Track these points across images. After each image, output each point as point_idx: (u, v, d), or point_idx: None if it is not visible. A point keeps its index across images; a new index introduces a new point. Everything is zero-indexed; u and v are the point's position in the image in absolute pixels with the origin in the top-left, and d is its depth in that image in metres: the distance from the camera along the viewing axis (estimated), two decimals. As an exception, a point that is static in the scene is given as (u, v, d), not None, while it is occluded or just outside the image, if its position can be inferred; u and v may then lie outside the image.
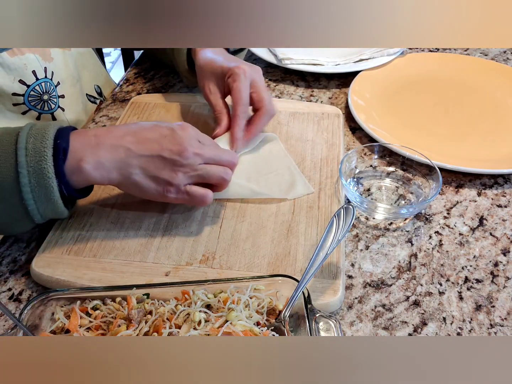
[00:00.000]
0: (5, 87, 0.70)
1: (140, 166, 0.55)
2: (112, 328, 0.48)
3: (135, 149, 0.55)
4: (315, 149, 0.74)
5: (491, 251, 0.61)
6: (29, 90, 0.73)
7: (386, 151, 0.71)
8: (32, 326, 0.49)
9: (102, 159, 0.54)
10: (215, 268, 0.57)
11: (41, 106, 0.76)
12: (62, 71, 0.80)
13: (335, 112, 0.81)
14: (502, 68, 0.93)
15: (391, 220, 0.64)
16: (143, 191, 0.57)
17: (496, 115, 0.83)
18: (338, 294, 0.54)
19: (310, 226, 0.62)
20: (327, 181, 0.68)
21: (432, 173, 0.66)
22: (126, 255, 0.59)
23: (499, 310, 0.55)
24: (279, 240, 0.60)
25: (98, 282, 0.56)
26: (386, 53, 0.94)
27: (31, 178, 0.51)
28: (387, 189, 0.69)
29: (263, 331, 0.47)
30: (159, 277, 0.56)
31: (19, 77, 0.71)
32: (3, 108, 0.72)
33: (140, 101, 0.85)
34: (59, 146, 0.52)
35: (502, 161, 0.72)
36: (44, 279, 0.57)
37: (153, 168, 0.55)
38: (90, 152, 0.54)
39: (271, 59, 0.95)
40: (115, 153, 0.54)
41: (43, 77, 0.75)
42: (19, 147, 0.51)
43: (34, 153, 0.51)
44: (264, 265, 0.57)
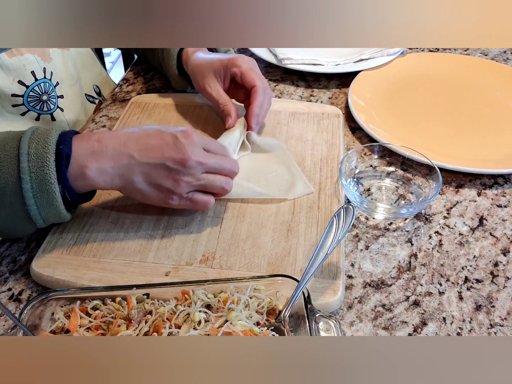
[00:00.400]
0: (4, 88, 0.70)
1: (142, 174, 0.55)
2: (112, 328, 0.48)
3: (138, 157, 0.55)
4: (315, 149, 0.74)
5: (491, 251, 0.61)
6: (28, 91, 0.73)
7: (386, 151, 0.71)
8: (32, 326, 0.49)
9: (105, 166, 0.54)
10: (215, 268, 0.57)
11: (40, 107, 0.76)
12: (61, 71, 0.80)
13: (335, 112, 0.81)
14: (502, 68, 0.93)
15: (391, 220, 0.64)
16: (145, 197, 0.58)
17: (496, 115, 0.83)
18: (338, 294, 0.54)
19: (310, 226, 0.62)
20: (327, 181, 0.68)
21: (432, 173, 0.66)
22: (126, 255, 0.59)
23: (499, 310, 0.55)
24: (279, 240, 0.60)
25: (98, 282, 0.56)
26: (386, 53, 0.94)
27: (33, 183, 0.51)
28: (387, 189, 0.69)
29: (263, 331, 0.47)
30: (159, 277, 0.56)
31: (18, 77, 0.71)
32: (2, 110, 0.72)
33: (140, 101, 0.85)
34: (61, 152, 0.52)
35: (502, 161, 0.72)
36: (44, 279, 0.57)
37: (156, 177, 0.56)
38: (93, 159, 0.53)
39: (271, 59, 0.95)
40: (118, 160, 0.54)
41: (42, 78, 0.75)
42: (21, 152, 0.51)
43: (36, 158, 0.51)
44: (264, 265, 0.57)
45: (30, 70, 0.72)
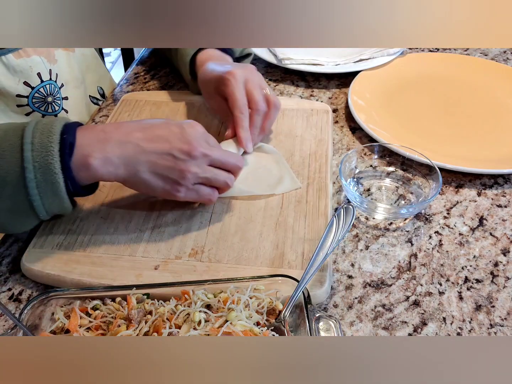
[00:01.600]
0: (9, 88, 0.70)
1: (148, 163, 0.55)
2: (112, 328, 0.48)
3: (144, 146, 0.54)
4: (304, 144, 0.75)
5: (491, 251, 0.61)
6: (33, 92, 0.73)
7: (386, 151, 0.71)
8: (32, 326, 0.49)
9: (110, 155, 0.53)
10: (204, 261, 0.58)
11: (45, 108, 0.76)
12: (66, 73, 0.80)
13: (324, 108, 0.82)
14: (502, 68, 0.93)
15: (391, 220, 0.64)
16: (150, 188, 0.57)
17: (496, 115, 0.83)
18: (324, 286, 0.54)
19: (298, 220, 0.63)
20: (315, 175, 0.69)
21: (432, 173, 0.66)
22: (116, 249, 0.59)
23: (499, 310, 0.55)
24: (268, 234, 0.61)
25: (88, 276, 0.56)
26: (386, 53, 0.94)
27: (36, 173, 0.50)
28: (387, 189, 0.69)
29: (263, 331, 0.47)
30: (149, 271, 0.57)
31: (24, 79, 0.71)
32: (6, 109, 0.72)
33: (131, 98, 0.85)
34: (65, 141, 0.51)
35: (502, 161, 0.72)
36: (34, 274, 0.57)
37: (162, 167, 0.55)
38: (98, 148, 0.53)
39: (271, 59, 0.95)
40: (123, 148, 0.54)
41: (48, 80, 0.75)
42: (25, 141, 0.50)
43: (40, 148, 0.50)
44: (252, 258, 0.58)
45: (36, 72, 0.73)
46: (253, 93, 0.68)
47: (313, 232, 0.61)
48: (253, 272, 0.56)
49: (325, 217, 0.63)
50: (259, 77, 0.71)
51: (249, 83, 0.68)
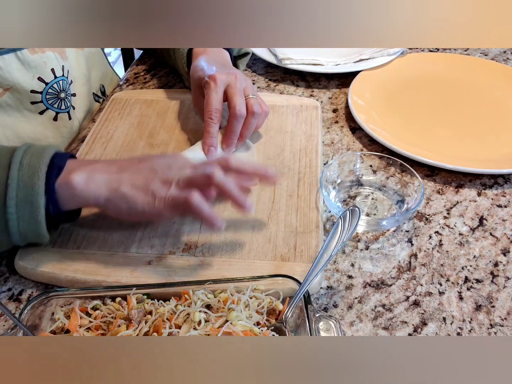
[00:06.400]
0: (24, 84, 0.70)
1: (130, 178, 0.54)
2: (112, 328, 0.48)
3: (127, 166, 0.55)
4: (294, 140, 0.76)
5: (491, 251, 0.61)
6: (47, 88, 0.73)
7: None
8: (32, 326, 0.49)
9: (92, 173, 0.53)
10: (198, 256, 0.58)
11: (58, 105, 0.77)
12: (74, 70, 0.81)
13: (313, 104, 0.83)
14: (502, 68, 0.93)
15: (373, 231, 0.63)
16: (131, 203, 0.53)
17: (496, 115, 0.83)
18: (317, 278, 0.54)
19: (289, 214, 0.63)
20: (306, 170, 0.70)
21: (416, 186, 0.64)
22: (110, 246, 0.60)
23: (499, 310, 0.55)
24: (260, 228, 0.62)
25: (82, 273, 0.56)
26: (386, 53, 0.94)
27: (19, 191, 0.49)
28: (375, 199, 0.67)
29: (263, 331, 0.47)
30: (142, 267, 0.57)
31: (38, 74, 0.72)
32: (21, 106, 0.72)
33: (121, 97, 0.86)
34: (55, 164, 0.52)
35: (502, 161, 0.72)
36: (28, 272, 0.57)
37: (142, 179, 0.54)
38: (83, 168, 0.53)
39: (271, 59, 0.95)
40: (107, 169, 0.54)
41: (61, 75, 0.75)
42: (13, 161, 0.50)
43: (28, 167, 0.50)
44: (245, 252, 0.59)
45: (50, 68, 0.73)
46: (233, 98, 0.67)
47: (304, 226, 0.61)
48: (247, 265, 0.57)
49: (316, 210, 0.63)
50: (246, 83, 0.70)
51: (230, 88, 0.68)
